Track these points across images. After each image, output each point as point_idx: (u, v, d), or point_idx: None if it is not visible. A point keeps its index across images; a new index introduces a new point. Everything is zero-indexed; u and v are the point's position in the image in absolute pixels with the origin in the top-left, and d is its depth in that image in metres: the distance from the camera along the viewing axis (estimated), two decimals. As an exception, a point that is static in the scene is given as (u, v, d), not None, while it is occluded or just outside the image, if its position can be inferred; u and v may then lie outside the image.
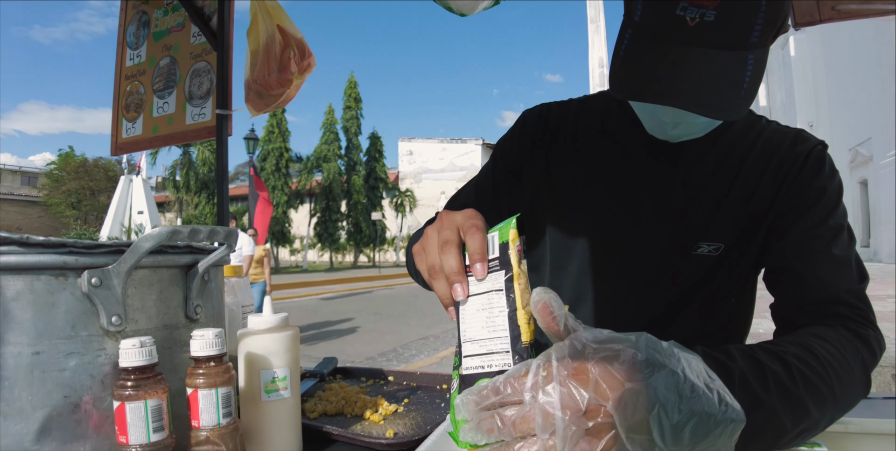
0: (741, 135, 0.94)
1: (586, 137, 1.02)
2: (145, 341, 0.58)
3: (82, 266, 0.59)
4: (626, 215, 0.96)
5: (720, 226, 0.91)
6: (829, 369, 0.67)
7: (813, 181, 0.89)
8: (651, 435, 0.45)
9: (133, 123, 2.59)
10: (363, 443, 0.75)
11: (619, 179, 0.97)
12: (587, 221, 0.99)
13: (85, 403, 0.58)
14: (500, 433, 0.47)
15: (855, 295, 0.82)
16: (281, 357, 0.69)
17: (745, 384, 0.58)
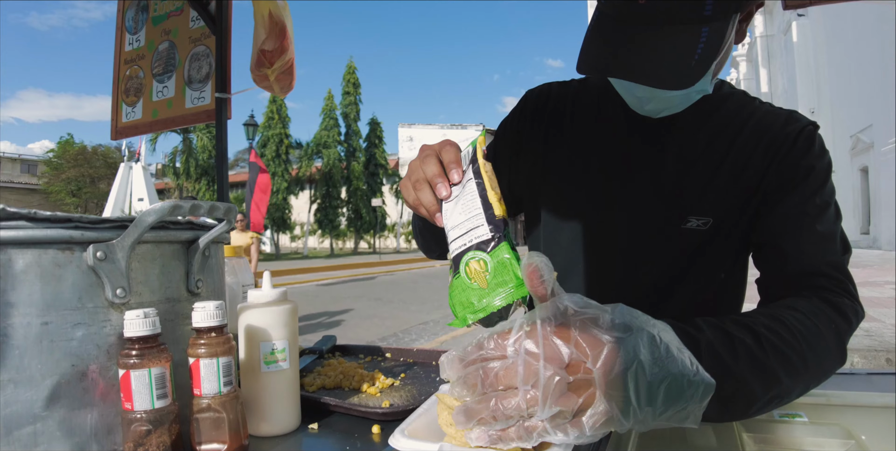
0: (733, 114, 0.97)
1: (582, 115, 1.05)
2: (149, 312, 0.60)
3: (88, 240, 0.61)
4: (617, 190, 0.99)
5: (709, 201, 0.93)
6: (800, 338, 0.69)
7: (802, 160, 0.91)
8: (627, 393, 0.48)
9: (133, 108, 2.60)
10: (359, 413, 0.77)
11: (610, 156, 1.00)
12: (579, 196, 1.03)
13: (92, 371, 0.61)
14: (484, 385, 0.50)
15: (835, 267, 0.84)
16: (280, 330, 0.71)
17: (713, 354, 0.61)
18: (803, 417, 0.71)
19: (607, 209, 1.00)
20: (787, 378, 0.67)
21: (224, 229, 0.71)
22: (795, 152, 0.91)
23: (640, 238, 0.97)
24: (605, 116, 1.03)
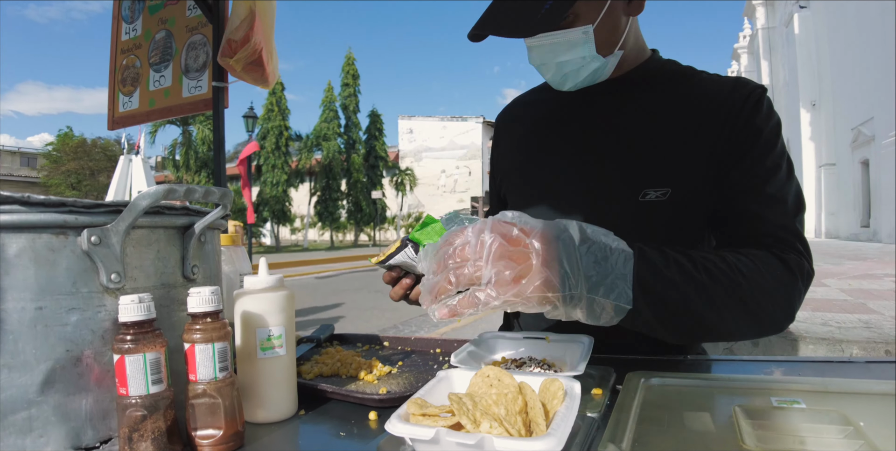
0: (679, 85, 1.01)
1: (538, 111, 1.16)
2: (143, 297, 0.59)
3: (82, 225, 0.60)
4: (575, 171, 1.04)
5: (664, 172, 0.95)
6: (737, 271, 0.76)
7: (750, 123, 0.93)
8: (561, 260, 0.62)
9: (129, 97, 2.59)
10: (356, 400, 0.77)
11: (565, 140, 1.07)
12: (541, 183, 1.09)
13: (86, 357, 0.60)
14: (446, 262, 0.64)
15: (784, 228, 0.88)
16: (276, 316, 0.71)
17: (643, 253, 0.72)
18: (801, 403, 0.70)
19: (567, 189, 1.04)
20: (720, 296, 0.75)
21: (219, 214, 0.70)
22: (744, 115, 0.93)
23: (600, 214, 0.98)
24: (556, 107, 1.11)
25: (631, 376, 0.81)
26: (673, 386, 0.81)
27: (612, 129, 1.01)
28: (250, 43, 2.23)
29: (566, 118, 1.08)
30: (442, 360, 0.98)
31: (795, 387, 0.77)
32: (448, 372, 0.73)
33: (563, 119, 1.09)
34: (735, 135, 0.92)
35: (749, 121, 0.93)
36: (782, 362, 0.96)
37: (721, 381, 0.80)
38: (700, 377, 0.82)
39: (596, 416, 0.69)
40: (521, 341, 0.92)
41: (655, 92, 1.01)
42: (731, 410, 0.69)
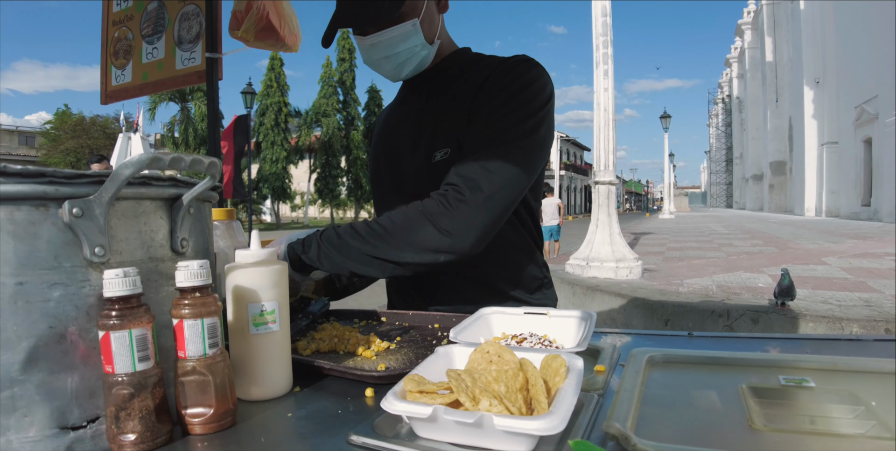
0: (469, 67, 1.18)
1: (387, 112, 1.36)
2: (129, 271, 0.57)
3: (63, 196, 0.57)
4: (395, 146, 1.24)
5: (445, 136, 1.13)
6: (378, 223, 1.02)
7: (496, 87, 1.08)
8: None
9: (122, 71, 2.52)
10: (355, 376, 0.75)
11: (392, 125, 1.29)
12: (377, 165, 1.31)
13: (71, 333, 0.58)
14: None
15: (462, 176, 1.02)
16: (269, 291, 0.68)
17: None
18: (810, 382, 0.68)
19: (388, 165, 1.26)
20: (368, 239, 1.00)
21: (208, 185, 0.67)
22: (494, 77, 1.09)
23: (407, 176, 1.21)
24: (398, 103, 1.33)
25: (634, 352, 0.79)
26: (677, 363, 0.79)
27: (423, 109, 1.20)
28: (253, 9, 2.17)
29: (399, 111, 1.29)
30: (441, 335, 0.96)
31: (803, 365, 0.75)
32: (447, 348, 0.71)
33: (397, 113, 1.30)
34: (483, 94, 1.09)
35: (494, 84, 1.09)
36: (786, 340, 0.94)
37: (726, 358, 0.78)
38: (704, 355, 0.80)
39: (599, 394, 0.67)
40: (522, 316, 0.90)
41: (455, 75, 1.20)
42: (738, 388, 0.67)
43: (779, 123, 27.32)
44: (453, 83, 1.18)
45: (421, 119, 1.20)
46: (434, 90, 1.22)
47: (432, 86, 1.23)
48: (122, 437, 0.56)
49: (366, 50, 1.16)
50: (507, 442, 0.51)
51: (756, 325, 3.52)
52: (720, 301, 3.97)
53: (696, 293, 4.50)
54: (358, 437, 0.56)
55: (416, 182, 1.17)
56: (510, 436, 0.50)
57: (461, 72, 1.20)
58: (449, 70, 1.22)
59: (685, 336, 0.96)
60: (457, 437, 0.54)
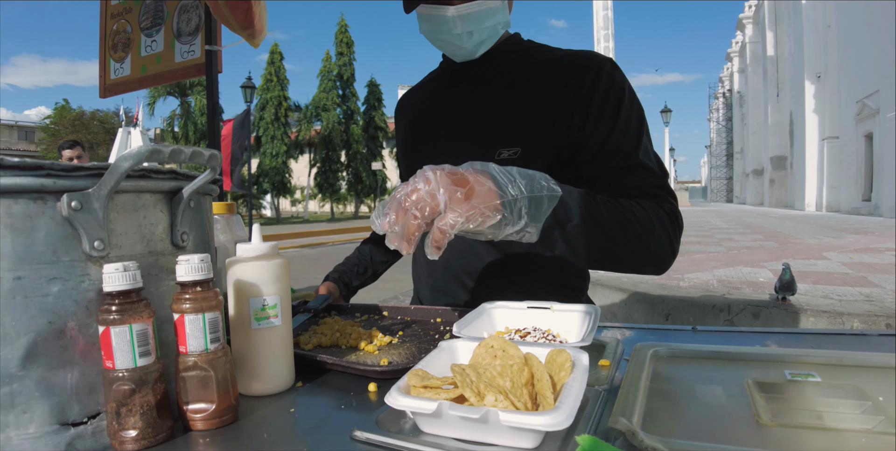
0: (536, 58, 1.11)
1: (423, 95, 1.28)
2: (129, 265, 0.56)
3: (61, 189, 0.57)
4: (445, 138, 1.16)
5: (515, 133, 1.05)
6: (630, 211, 0.87)
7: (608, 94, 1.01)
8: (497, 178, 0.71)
9: (121, 64, 2.51)
10: (357, 371, 0.74)
11: (436, 115, 1.19)
12: (421, 157, 1.19)
13: (70, 329, 0.57)
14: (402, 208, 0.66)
15: (659, 187, 0.98)
16: (270, 285, 0.68)
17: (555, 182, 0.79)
18: (816, 377, 0.68)
19: (439, 155, 1.09)
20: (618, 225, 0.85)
21: (208, 177, 0.66)
22: (599, 85, 1.02)
23: None
24: (434, 87, 1.25)
25: (639, 347, 0.79)
26: (682, 358, 0.78)
27: (475, 96, 1.13)
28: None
29: (442, 90, 1.21)
30: (443, 330, 0.95)
31: (809, 360, 0.74)
32: (450, 342, 0.70)
33: (439, 91, 1.22)
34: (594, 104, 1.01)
35: (605, 91, 1.01)
36: (791, 334, 0.93)
37: (731, 353, 0.78)
38: (709, 349, 0.80)
39: (604, 389, 0.66)
40: (525, 310, 0.90)
41: (515, 63, 1.12)
42: (744, 383, 0.67)
43: (779, 118, 27.25)
44: (513, 73, 1.11)
45: (477, 108, 1.12)
46: (490, 77, 1.13)
47: (487, 71, 1.14)
48: (123, 433, 0.56)
49: (442, 22, 1.04)
50: (512, 438, 0.51)
51: (757, 319, 3.52)
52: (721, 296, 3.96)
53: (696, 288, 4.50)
54: (361, 432, 0.55)
55: None
56: (516, 432, 0.50)
57: (519, 61, 1.12)
58: (504, 56, 1.14)
59: (689, 331, 0.96)
60: (462, 432, 0.53)
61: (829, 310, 3.44)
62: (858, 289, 4.18)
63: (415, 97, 1.32)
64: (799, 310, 3.49)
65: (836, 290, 4.15)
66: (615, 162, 0.99)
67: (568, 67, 1.05)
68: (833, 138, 19.65)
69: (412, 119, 1.27)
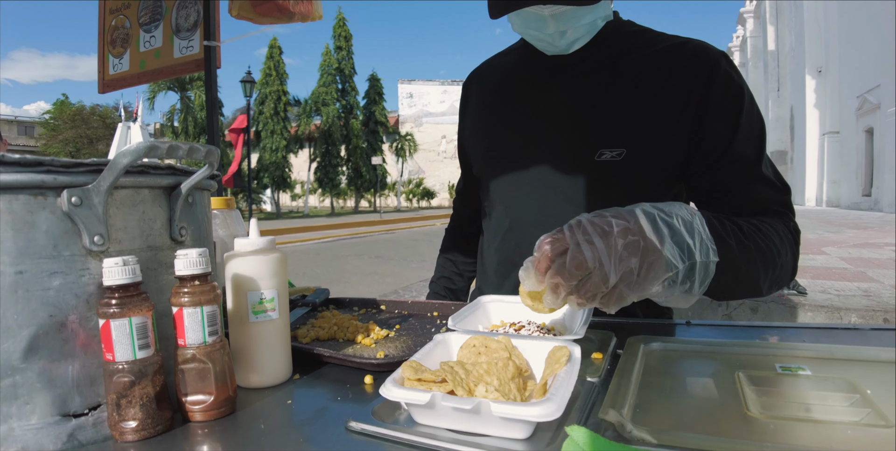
0: (640, 48, 1.00)
1: (502, 79, 1.14)
2: (128, 259, 0.57)
3: (61, 185, 0.57)
4: (534, 134, 1.04)
5: (620, 133, 0.96)
6: (769, 239, 0.82)
7: (727, 94, 0.93)
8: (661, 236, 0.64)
9: (120, 59, 2.51)
10: (354, 364, 0.75)
11: (522, 105, 1.07)
12: (503, 150, 1.10)
13: (71, 322, 0.58)
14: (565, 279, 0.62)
15: (784, 205, 0.93)
16: (268, 279, 0.68)
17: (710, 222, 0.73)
18: (806, 370, 0.69)
19: (528, 148, 1.05)
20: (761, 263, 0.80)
21: (206, 173, 0.67)
22: (717, 83, 0.93)
23: (560, 175, 1.01)
24: (517, 75, 1.11)
25: (632, 340, 0.80)
26: (674, 351, 0.79)
27: (573, 88, 1.02)
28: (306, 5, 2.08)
29: (531, 79, 1.08)
30: (439, 323, 0.96)
31: (800, 353, 0.75)
32: (445, 336, 0.71)
33: (527, 80, 1.08)
34: (712, 105, 0.93)
35: (724, 91, 0.93)
36: (784, 329, 0.94)
37: (723, 346, 0.79)
38: (702, 343, 0.81)
39: (596, 381, 0.67)
40: (520, 304, 0.90)
41: (614, 52, 1.01)
42: (735, 376, 0.68)
43: (780, 113, 27.22)
44: (614, 63, 0.99)
45: (574, 102, 1.01)
46: (587, 67, 1.01)
47: (584, 60, 1.01)
48: (124, 424, 0.57)
49: (534, 20, 0.92)
50: (504, 428, 0.52)
51: (755, 314, 3.53)
52: (719, 290, 3.98)
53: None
54: (357, 423, 0.57)
55: (572, 179, 1.00)
56: (508, 422, 0.51)
57: (621, 49, 1.00)
58: (606, 45, 1.01)
59: (683, 325, 0.97)
60: (455, 423, 0.54)
61: (828, 305, 3.45)
62: (857, 284, 4.19)
63: (492, 79, 1.18)
64: (797, 305, 3.50)
65: (835, 285, 4.16)
66: (739, 173, 0.93)
67: (679, 60, 0.96)
68: (834, 133, 19.63)
69: (492, 107, 1.15)
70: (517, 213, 1.07)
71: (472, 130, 1.19)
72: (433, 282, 1.38)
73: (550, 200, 1.03)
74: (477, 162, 1.18)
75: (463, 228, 1.39)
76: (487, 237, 1.19)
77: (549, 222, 1.01)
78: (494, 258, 1.15)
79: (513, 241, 1.09)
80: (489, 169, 1.13)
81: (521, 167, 1.05)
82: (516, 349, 0.64)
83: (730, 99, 0.93)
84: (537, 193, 1.04)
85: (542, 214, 1.04)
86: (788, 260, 0.86)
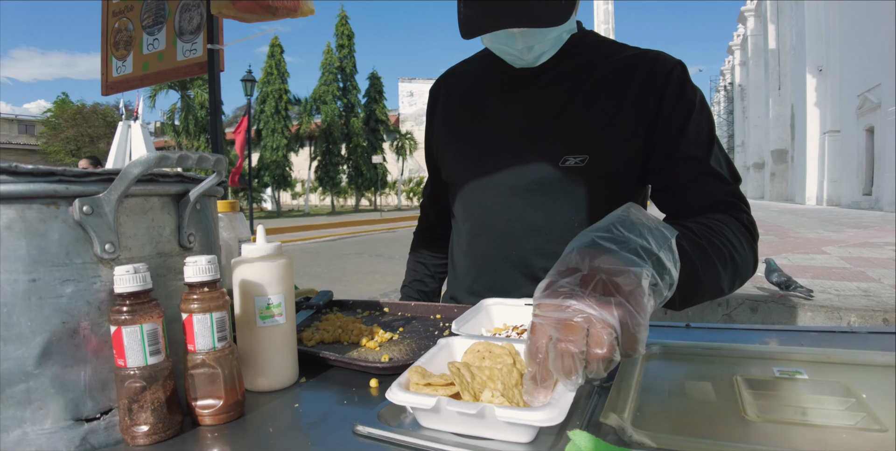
0: (602, 58, 1.05)
1: (469, 87, 1.18)
2: (139, 267, 0.58)
3: (73, 194, 0.59)
4: (498, 142, 1.08)
5: (583, 140, 1.01)
6: (724, 237, 0.84)
7: (677, 99, 0.99)
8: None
9: (123, 62, 2.52)
10: (359, 367, 0.77)
11: (489, 113, 1.11)
12: (470, 156, 1.13)
13: (83, 328, 0.59)
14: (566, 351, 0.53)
15: (730, 194, 0.96)
16: (275, 284, 0.70)
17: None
18: (803, 374, 0.70)
19: (496, 155, 1.08)
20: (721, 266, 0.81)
21: (214, 181, 0.69)
22: (670, 91, 0.99)
23: (524, 179, 1.05)
24: (484, 84, 1.14)
25: (632, 345, 0.81)
26: (674, 355, 0.80)
27: (537, 97, 1.06)
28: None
29: (496, 88, 1.12)
30: (443, 326, 0.97)
31: (797, 357, 0.76)
32: (449, 340, 0.72)
33: (493, 89, 1.12)
34: (664, 110, 0.98)
35: (677, 97, 0.99)
36: (783, 332, 0.95)
37: (723, 350, 0.80)
38: (701, 346, 0.82)
39: (596, 384, 0.69)
40: (523, 307, 0.92)
41: (578, 61, 1.05)
42: (733, 380, 0.69)
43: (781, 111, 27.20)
44: (577, 73, 1.04)
45: (540, 111, 1.04)
46: (556, 79, 1.05)
47: (552, 72, 1.05)
48: (135, 428, 0.58)
49: (506, 36, 0.95)
50: (508, 433, 0.53)
51: (755, 314, 3.54)
52: (719, 290, 3.99)
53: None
54: (363, 427, 0.58)
55: (538, 185, 1.04)
56: (511, 427, 0.52)
57: (583, 59, 1.05)
58: (569, 55, 1.05)
59: (682, 327, 0.98)
60: (459, 427, 0.55)
61: (827, 305, 3.46)
62: (856, 284, 4.20)
63: (459, 86, 1.20)
64: (796, 305, 3.51)
65: (835, 285, 4.17)
66: (688, 170, 0.98)
67: (638, 70, 1.01)
68: (834, 132, 19.61)
69: (457, 116, 1.18)
70: (485, 218, 1.11)
71: (440, 136, 1.23)
72: (405, 286, 1.42)
73: (517, 205, 1.07)
74: (446, 168, 1.22)
75: (432, 230, 1.44)
76: (456, 241, 1.24)
77: (516, 227, 1.07)
78: (464, 262, 1.19)
79: (481, 245, 1.13)
80: (457, 175, 1.17)
81: (488, 174, 1.09)
82: (519, 355, 0.65)
83: (682, 105, 0.99)
84: (504, 198, 1.08)
85: (509, 218, 1.08)
86: (748, 255, 0.89)
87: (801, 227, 10.02)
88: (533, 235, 1.06)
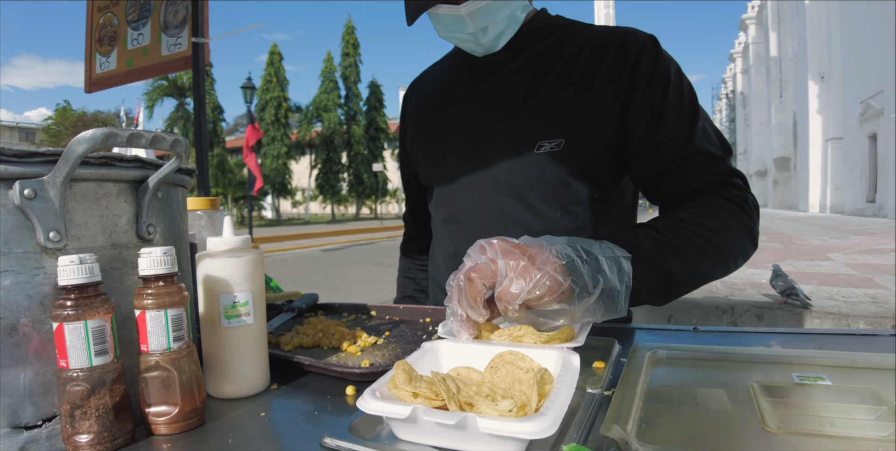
0: (570, 39, 1.01)
1: (438, 86, 1.16)
2: (85, 257, 0.52)
3: (13, 176, 0.53)
4: (472, 134, 1.05)
5: (557, 124, 0.97)
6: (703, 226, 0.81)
7: (651, 75, 0.93)
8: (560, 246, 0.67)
9: (107, 58, 2.45)
10: (335, 373, 0.70)
11: (460, 108, 1.08)
12: (444, 153, 1.10)
13: (23, 325, 0.53)
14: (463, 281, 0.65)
15: (722, 171, 0.92)
16: (242, 281, 0.63)
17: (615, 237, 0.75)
18: (826, 380, 0.63)
19: (469, 146, 1.05)
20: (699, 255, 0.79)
21: (175, 165, 0.62)
22: (643, 63, 0.94)
23: (500, 167, 1.01)
24: (452, 78, 1.13)
25: (636, 348, 0.75)
26: (682, 360, 0.74)
27: (507, 85, 1.03)
28: None
29: (466, 81, 1.10)
30: (431, 330, 0.91)
31: (818, 361, 0.70)
32: (434, 344, 0.66)
33: (462, 82, 1.10)
34: (639, 83, 0.94)
35: (651, 69, 0.94)
36: (798, 335, 0.89)
37: (735, 354, 0.74)
38: (711, 350, 0.75)
39: (598, 392, 0.62)
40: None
41: (546, 45, 1.02)
42: (749, 386, 0.62)
43: (783, 119, 27.17)
44: (546, 56, 1.01)
45: (511, 98, 1.01)
46: (519, 62, 1.02)
47: (516, 56, 1.03)
48: (77, 437, 0.52)
49: (455, 22, 0.94)
50: (493, 446, 0.46)
51: (761, 321, 3.47)
52: (724, 297, 3.91)
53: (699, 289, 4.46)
54: (332, 439, 0.51)
55: (515, 174, 1.00)
56: (497, 440, 0.46)
57: (551, 42, 1.02)
58: (536, 39, 1.03)
59: (690, 331, 0.91)
60: (439, 440, 0.49)
61: (835, 311, 3.39)
62: (864, 290, 4.13)
63: (429, 87, 1.20)
64: (803, 311, 3.44)
65: (841, 291, 4.10)
66: (672, 154, 0.92)
67: (608, 49, 0.97)
68: (837, 139, 19.58)
69: (431, 112, 1.16)
70: (464, 214, 1.08)
71: (413, 139, 1.20)
72: (397, 303, 1.37)
73: (495, 196, 1.03)
74: (421, 170, 1.19)
75: (417, 241, 1.40)
76: (438, 243, 1.20)
77: (495, 218, 1.03)
78: (446, 263, 1.16)
79: (463, 242, 1.07)
80: (433, 174, 1.14)
81: (465, 167, 1.06)
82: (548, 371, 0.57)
83: (657, 77, 0.94)
84: (481, 190, 1.04)
85: (488, 209, 1.04)
86: (736, 235, 0.86)
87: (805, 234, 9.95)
88: (514, 226, 1.02)
